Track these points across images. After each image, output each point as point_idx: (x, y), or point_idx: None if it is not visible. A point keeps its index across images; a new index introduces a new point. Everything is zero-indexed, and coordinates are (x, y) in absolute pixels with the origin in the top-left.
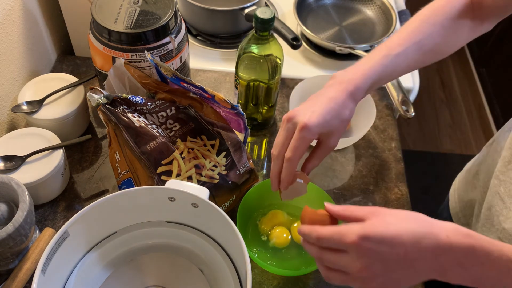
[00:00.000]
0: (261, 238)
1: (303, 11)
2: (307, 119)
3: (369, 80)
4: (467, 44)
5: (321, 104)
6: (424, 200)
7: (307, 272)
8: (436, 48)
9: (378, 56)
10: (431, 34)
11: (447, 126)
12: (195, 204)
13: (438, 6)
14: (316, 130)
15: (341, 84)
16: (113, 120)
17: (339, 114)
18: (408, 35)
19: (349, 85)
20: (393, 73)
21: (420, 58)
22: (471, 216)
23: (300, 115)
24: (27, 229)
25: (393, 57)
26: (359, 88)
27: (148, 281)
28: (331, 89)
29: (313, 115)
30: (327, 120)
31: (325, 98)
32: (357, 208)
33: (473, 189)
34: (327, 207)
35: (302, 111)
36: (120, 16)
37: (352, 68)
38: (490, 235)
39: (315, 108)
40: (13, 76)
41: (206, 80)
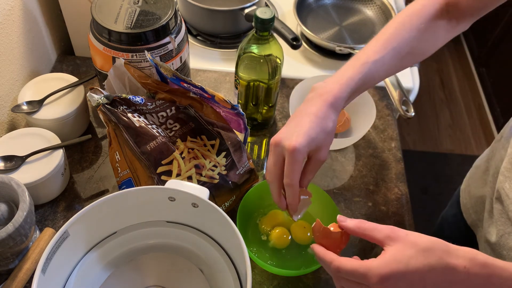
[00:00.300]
0: (261, 238)
1: (303, 11)
2: (294, 142)
3: (348, 89)
4: (467, 44)
5: (304, 123)
6: (424, 200)
7: (307, 272)
8: (413, 52)
9: (356, 64)
10: (408, 39)
11: (447, 126)
12: (195, 204)
13: (414, 10)
14: (305, 150)
15: (321, 96)
16: (113, 120)
17: (323, 128)
18: (386, 41)
19: (329, 96)
20: (372, 80)
21: (398, 64)
22: (482, 212)
23: (287, 138)
24: (27, 229)
25: (371, 64)
26: (339, 98)
27: (148, 281)
28: (311, 103)
29: (298, 136)
30: (313, 138)
31: (306, 115)
32: (373, 228)
33: (483, 185)
34: (340, 223)
35: (288, 134)
36: (120, 16)
37: (331, 78)
38: (506, 229)
39: (299, 129)
40: (13, 76)
41: (206, 80)
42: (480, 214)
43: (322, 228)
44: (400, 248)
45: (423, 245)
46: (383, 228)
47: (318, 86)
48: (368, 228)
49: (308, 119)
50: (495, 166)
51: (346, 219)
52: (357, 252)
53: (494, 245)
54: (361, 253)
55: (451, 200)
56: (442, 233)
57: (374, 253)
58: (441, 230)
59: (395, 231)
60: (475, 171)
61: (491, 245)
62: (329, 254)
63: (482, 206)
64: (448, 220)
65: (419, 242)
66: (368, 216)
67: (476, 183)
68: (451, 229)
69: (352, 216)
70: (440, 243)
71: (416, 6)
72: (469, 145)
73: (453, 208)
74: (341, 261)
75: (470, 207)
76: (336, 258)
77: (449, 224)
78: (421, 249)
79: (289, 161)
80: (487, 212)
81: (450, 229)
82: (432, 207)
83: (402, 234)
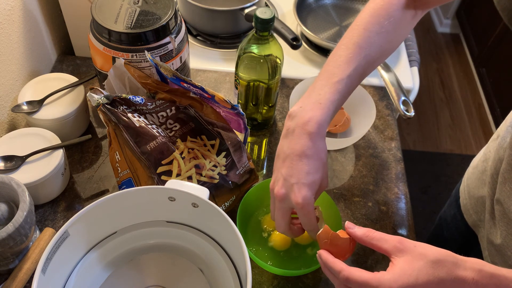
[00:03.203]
0: (261, 235)
1: (303, 11)
2: (300, 199)
3: (329, 112)
4: (467, 44)
5: (298, 169)
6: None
7: (307, 272)
8: (383, 53)
9: (331, 82)
10: (378, 43)
11: (447, 126)
12: (195, 204)
13: (378, 9)
14: (311, 199)
15: (303, 128)
16: (113, 120)
17: (317, 166)
18: (356, 50)
19: (312, 127)
20: (348, 94)
21: (370, 69)
22: (483, 212)
23: (290, 194)
24: (27, 229)
25: (346, 79)
26: (322, 125)
27: (148, 281)
28: (296, 139)
29: (300, 189)
30: (313, 181)
31: (295, 159)
32: (380, 238)
33: (483, 186)
34: (348, 230)
35: (288, 187)
36: (120, 16)
37: (307, 101)
38: (509, 229)
39: (296, 178)
40: (13, 76)
41: (206, 80)
42: (481, 214)
43: (331, 234)
44: (408, 261)
45: (431, 257)
46: (391, 238)
47: (296, 114)
48: (375, 238)
49: (300, 163)
50: (493, 167)
51: (354, 226)
52: (356, 257)
53: (498, 246)
54: (360, 259)
55: (449, 200)
56: (442, 234)
57: (373, 259)
58: (440, 230)
59: (403, 242)
60: (472, 171)
61: (495, 246)
62: (338, 263)
63: (483, 207)
64: (447, 220)
65: (428, 254)
66: (368, 216)
67: (474, 184)
68: (450, 229)
69: (352, 216)
70: (449, 255)
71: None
72: (469, 145)
73: (451, 208)
74: (351, 271)
75: (470, 208)
76: (346, 268)
77: (448, 225)
78: (430, 261)
79: (302, 214)
80: (488, 213)
81: (449, 230)
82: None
83: (410, 246)
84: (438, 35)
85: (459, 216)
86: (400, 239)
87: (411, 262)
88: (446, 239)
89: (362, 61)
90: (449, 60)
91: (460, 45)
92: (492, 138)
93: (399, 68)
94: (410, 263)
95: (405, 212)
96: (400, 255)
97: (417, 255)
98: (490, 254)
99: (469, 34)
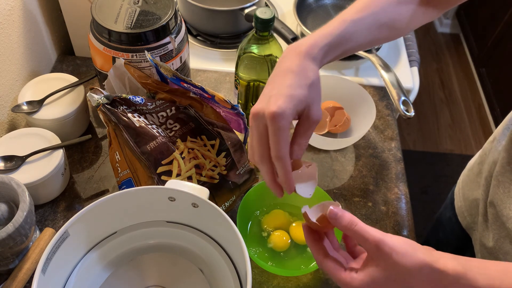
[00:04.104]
0: (261, 235)
1: (303, 11)
2: (272, 107)
3: (325, 39)
4: (467, 44)
5: (280, 83)
6: (424, 200)
7: (307, 272)
8: (390, 24)
9: (334, 22)
10: (387, 9)
11: (447, 126)
12: (195, 204)
13: None
14: (288, 113)
15: (294, 50)
16: (113, 120)
17: (302, 81)
18: (364, 5)
19: (302, 47)
20: (349, 40)
21: (375, 32)
22: (477, 215)
23: (264, 106)
24: (27, 229)
25: (349, 22)
26: (314, 46)
27: (148, 281)
28: (284, 60)
29: (277, 99)
30: (294, 95)
31: (280, 74)
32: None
33: (477, 188)
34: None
35: (264, 101)
36: (120, 16)
37: (307, 36)
38: (501, 233)
39: (275, 91)
40: (13, 76)
41: (206, 80)
42: (475, 217)
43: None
44: (381, 269)
45: (403, 270)
46: (370, 239)
47: (292, 44)
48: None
49: (283, 76)
50: (488, 169)
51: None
52: None
53: (490, 249)
54: None
55: (445, 202)
56: (437, 236)
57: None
58: (436, 233)
59: (380, 247)
60: (468, 173)
61: (488, 249)
62: (316, 252)
63: (477, 209)
64: (442, 222)
65: (401, 265)
66: (368, 216)
67: (469, 186)
68: (446, 232)
69: None
70: (426, 268)
71: None
72: (469, 145)
73: (447, 210)
74: (327, 264)
75: (465, 210)
76: (322, 260)
77: (443, 227)
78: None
79: (272, 130)
80: (481, 215)
81: (445, 232)
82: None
83: (386, 252)
84: (438, 35)
85: (454, 219)
86: (377, 244)
87: (383, 271)
88: (441, 241)
89: (369, 16)
90: (449, 60)
91: (460, 45)
92: (488, 140)
93: (399, 68)
94: (382, 271)
95: (405, 212)
96: (375, 259)
97: (390, 264)
98: (483, 257)
99: (469, 34)
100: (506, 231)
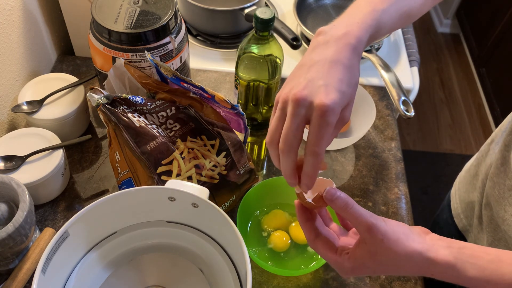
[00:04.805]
0: (261, 235)
1: (303, 11)
2: (325, 99)
3: (367, 32)
4: (467, 44)
5: (329, 73)
6: (424, 200)
7: (307, 272)
8: (408, 12)
9: (366, 10)
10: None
11: (447, 126)
12: (195, 204)
13: None
14: (339, 109)
15: (340, 40)
16: (113, 120)
17: (351, 79)
18: None
19: (350, 38)
20: (380, 31)
21: (396, 21)
22: (472, 217)
23: (313, 94)
24: (27, 229)
25: (381, 12)
26: (361, 40)
27: (148, 281)
28: (330, 48)
29: (330, 92)
30: (344, 92)
31: (331, 64)
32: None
33: (473, 190)
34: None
35: (313, 88)
36: (120, 16)
37: (341, 21)
38: (496, 235)
39: (326, 81)
40: (13, 76)
41: (206, 80)
42: (471, 219)
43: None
44: (371, 253)
45: (393, 256)
46: (363, 221)
47: (330, 29)
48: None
49: (334, 68)
50: (484, 171)
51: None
52: None
53: None
54: None
55: (443, 204)
56: None
57: None
58: None
59: (372, 231)
60: (465, 175)
61: None
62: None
63: (472, 212)
64: (439, 224)
65: (392, 251)
66: None
67: (465, 188)
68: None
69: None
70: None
71: None
72: (469, 145)
73: (444, 212)
74: (317, 246)
75: (461, 212)
76: (313, 241)
77: (440, 229)
78: (392, 259)
79: (318, 123)
80: (476, 217)
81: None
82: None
83: (378, 237)
84: (438, 35)
85: (450, 220)
86: (370, 228)
87: (373, 255)
88: None
89: (393, 5)
90: (449, 60)
91: (460, 45)
92: (486, 142)
93: (399, 68)
94: (372, 256)
95: (405, 212)
96: (367, 243)
97: (381, 249)
98: None
99: (469, 34)
100: (501, 233)
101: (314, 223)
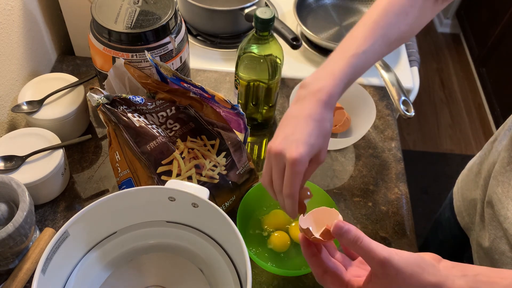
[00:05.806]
0: (262, 235)
1: (303, 11)
2: (295, 154)
3: (342, 84)
4: (467, 44)
5: (302, 128)
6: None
7: (307, 272)
8: (401, 36)
9: (346, 56)
10: (396, 24)
11: (447, 126)
12: (195, 204)
13: None
14: (306, 160)
15: (314, 95)
16: (113, 120)
17: (321, 132)
18: (373, 28)
19: (322, 95)
20: (362, 70)
21: (386, 50)
22: (474, 215)
23: (286, 148)
24: (27, 229)
25: (361, 55)
26: (333, 96)
27: (148, 281)
28: (305, 104)
29: (298, 146)
30: (313, 144)
31: (302, 119)
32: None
33: (475, 188)
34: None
35: (287, 143)
36: (120, 16)
37: (321, 72)
38: (497, 233)
39: (297, 136)
40: (13, 76)
41: (206, 80)
42: (473, 217)
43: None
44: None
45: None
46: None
47: (309, 83)
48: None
49: (305, 124)
50: (487, 169)
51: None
52: None
53: (486, 249)
54: None
55: (445, 202)
56: (437, 237)
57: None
58: (435, 233)
59: (386, 267)
60: (467, 173)
61: (484, 250)
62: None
63: (474, 209)
64: (441, 223)
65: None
66: (368, 216)
67: (468, 186)
68: (445, 232)
69: (352, 216)
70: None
71: None
72: (469, 145)
73: (446, 211)
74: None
75: (464, 210)
76: (322, 276)
77: (443, 228)
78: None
79: (290, 172)
80: (478, 215)
81: (444, 233)
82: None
83: (392, 273)
84: (438, 35)
85: (452, 219)
86: (383, 263)
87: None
88: (441, 242)
89: (379, 39)
90: (449, 60)
91: (460, 45)
92: (489, 140)
93: (399, 68)
94: None
95: (405, 212)
96: (380, 277)
97: (396, 285)
98: (479, 257)
99: (469, 34)
100: (503, 231)
101: (321, 257)
